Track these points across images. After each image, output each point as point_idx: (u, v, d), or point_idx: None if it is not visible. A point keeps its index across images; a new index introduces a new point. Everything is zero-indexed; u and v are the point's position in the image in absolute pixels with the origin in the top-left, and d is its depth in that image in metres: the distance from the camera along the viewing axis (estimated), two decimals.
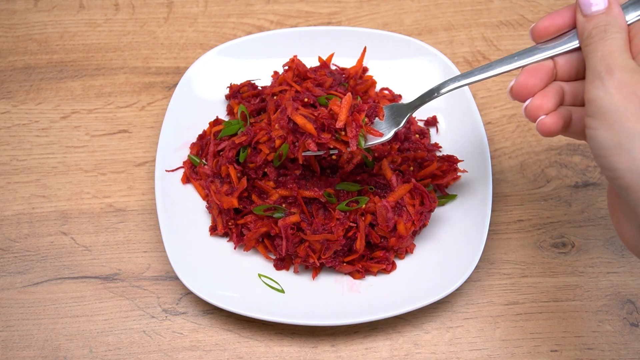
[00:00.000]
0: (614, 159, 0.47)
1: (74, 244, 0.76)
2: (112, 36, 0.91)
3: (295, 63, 0.80)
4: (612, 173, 0.48)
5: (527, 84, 0.54)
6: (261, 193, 0.73)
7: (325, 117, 0.61)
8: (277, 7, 0.93)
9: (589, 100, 0.49)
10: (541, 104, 0.53)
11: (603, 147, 0.48)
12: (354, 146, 0.61)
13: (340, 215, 0.70)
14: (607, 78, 0.48)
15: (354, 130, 0.61)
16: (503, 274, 0.74)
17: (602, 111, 0.48)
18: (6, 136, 0.83)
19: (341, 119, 0.61)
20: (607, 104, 0.47)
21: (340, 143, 0.62)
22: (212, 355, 0.70)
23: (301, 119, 0.61)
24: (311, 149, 0.61)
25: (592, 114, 0.48)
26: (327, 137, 0.61)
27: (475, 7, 0.93)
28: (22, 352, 0.70)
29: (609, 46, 0.49)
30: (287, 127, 0.62)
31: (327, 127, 0.61)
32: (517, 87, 0.54)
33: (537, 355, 0.69)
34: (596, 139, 0.48)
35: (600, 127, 0.48)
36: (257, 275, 0.72)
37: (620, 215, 0.52)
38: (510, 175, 0.80)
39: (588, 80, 0.49)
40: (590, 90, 0.49)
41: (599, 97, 0.48)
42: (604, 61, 0.49)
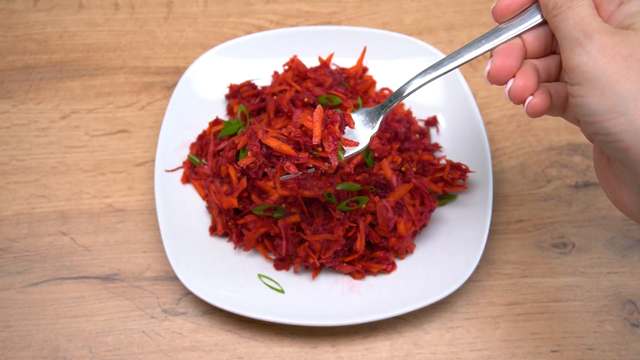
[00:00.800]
0: (609, 123, 0.46)
1: (73, 244, 0.76)
2: (112, 36, 0.91)
3: (295, 63, 0.80)
4: (607, 137, 0.46)
5: (505, 65, 0.52)
6: (261, 193, 0.73)
7: (299, 135, 0.56)
8: (277, 7, 0.93)
9: (571, 68, 0.47)
10: (525, 84, 0.52)
11: (595, 114, 0.46)
12: (334, 161, 0.56)
13: (340, 215, 0.69)
14: (586, 43, 0.47)
15: (331, 145, 0.56)
16: (503, 274, 0.74)
17: (588, 77, 0.46)
18: (5, 136, 0.83)
19: (316, 135, 0.55)
20: (592, 68, 0.46)
21: (319, 160, 0.56)
22: (212, 356, 0.69)
23: (275, 142, 0.55)
24: (292, 171, 0.56)
25: (578, 82, 0.47)
26: (305, 156, 0.56)
27: (475, 6, 0.93)
28: (21, 352, 0.70)
29: (580, 12, 0.48)
30: (260, 153, 0.56)
31: (302, 145, 0.56)
32: (495, 70, 0.53)
33: (537, 355, 0.69)
34: (586, 106, 0.47)
35: (589, 94, 0.47)
36: (257, 276, 0.72)
37: (615, 183, 0.51)
38: (511, 175, 0.80)
39: (566, 49, 0.48)
40: (572, 57, 0.47)
41: (582, 63, 0.47)
42: (578, 27, 0.47)
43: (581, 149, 0.81)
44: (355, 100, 0.78)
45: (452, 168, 0.75)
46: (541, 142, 0.82)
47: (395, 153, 0.75)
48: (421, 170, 0.76)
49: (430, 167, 0.76)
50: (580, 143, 0.82)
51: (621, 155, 0.47)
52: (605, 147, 0.48)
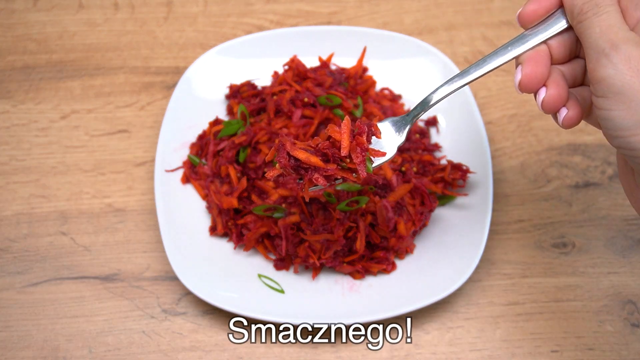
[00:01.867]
0: (634, 138, 0.45)
1: (73, 244, 0.76)
2: (112, 36, 0.91)
3: (295, 63, 0.80)
4: (633, 152, 0.45)
5: (536, 73, 0.51)
6: (261, 193, 0.73)
7: (327, 147, 0.55)
8: (277, 7, 0.93)
9: (598, 80, 0.46)
10: (559, 94, 0.50)
11: (620, 128, 0.45)
12: (363, 172, 0.55)
13: (340, 215, 0.69)
14: (613, 54, 0.45)
15: (359, 156, 0.55)
16: (503, 274, 0.74)
17: (614, 91, 0.45)
18: (5, 136, 0.83)
19: (344, 146, 0.55)
20: (618, 82, 0.45)
21: (347, 172, 0.56)
22: (211, 356, 0.69)
23: (303, 154, 0.55)
24: (321, 183, 0.55)
25: (604, 94, 0.46)
26: (334, 168, 0.55)
27: (475, 6, 0.93)
28: (21, 352, 0.70)
29: (606, 20, 0.46)
30: (288, 165, 0.55)
31: (330, 157, 0.55)
32: (526, 78, 0.51)
33: (537, 355, 0.69)
34: (611, 120, 0.45)
35: (615, 108, 0.45)
36: (257, 276, 0.72)
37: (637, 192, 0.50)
38: (511, 175, 0.80)
39: (591, 59, 0.47)
40: (597, 69, 0.46)
41: (609, 76, 0.45)
42: (605, 36, 0.46)
43: (581, 149, 0.81)
44: (355, 100, 0.78)
45: (453, 168, 0.75)
46: (541, 142, 0.82)
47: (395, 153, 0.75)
48: (421, 170, 0.76)
49: (431, 167, 0.76)
50: (580, 143, 0.82)
51: None
52: (630, 160, 0.47)
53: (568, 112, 0.51)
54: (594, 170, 0.80)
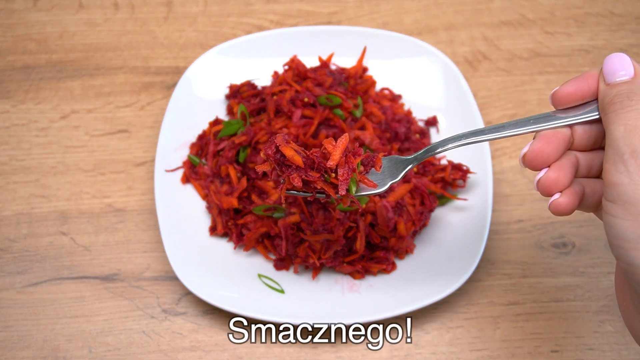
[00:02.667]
0: (635, 253, 0.43)
1: (73, 244, 0.76)
2: (112, 36, 0.91)
3: (295, 63, 0.80)
4: (630, 268, 0.43)
5: (543, 152, 0.49)
6: (261, 193, 0.73)
7: (317, 155, 0.55)
8: (277, 7, 0.93)
9: (610, 184, 0.44)
10: (557, 179, 0.48)
11: (622, 238, 0.43)
12: (342, 190, 0.54)
13: (340, 215, 0.69)
14: (631, 162, 0.43)
15: (345, 174, 0.54)
16: (503, 274, 0.74)
17: (624, 199, 0.43)
18: (5, 136, 0.83)
19: (334, 158, 0.54)
20: (630, 192, 0.43)
21: (329, 185, 0.55)
22: (211, 356, 0.69)
23: (289, 151, 0.54)
24: (295, 183, 0.54)
25: (613, 200, 0.44)
26: (316, 176, 0.54)
27: (475, 6, 0.93)
28: (21, 352, 0.70)
29: (634, 119, 0.44)
30: (272, 157, 0.55)
31: (317, 165, 0.55)
32: (532, 154, 0.49)
33: (537, 355, 0.69)
34: (615, 228, 0.44)
35: (621, 216, 0.43)
36: (257, 276, 0.72)
37: (631, 309, 0.48)
38: (511, 175, 0.80)
39: (609, 160, 0.44)
40: (612, 173, 0.44)
41: (622, 183, 0.43)
42: (627, 139, 0.43)
43: None
44: (355, 100, 0.78)
45: (453, 169, 0.75)
46: None
47: (395, 153, 0.75)
48: (421, 170, 0.76)
49: (431, 167, 0.76)
50: None
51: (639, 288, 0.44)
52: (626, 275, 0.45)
53: (559, 198, 0.49)
54: None
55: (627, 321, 0.49)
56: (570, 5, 0.93)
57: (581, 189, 0.50)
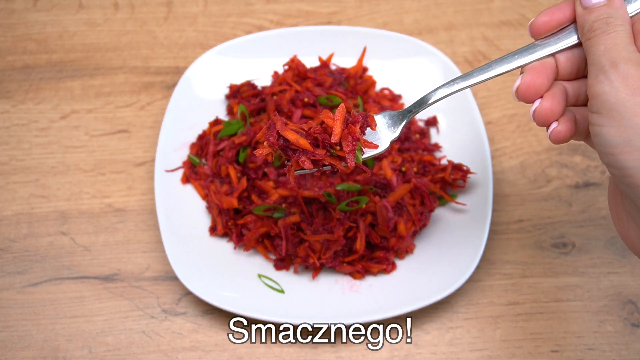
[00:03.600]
0: (623, 157, 0.45)
1: (73, 244, 0.76)
2: (112, 36, 0.91)
3: (295, 63, 0.80)
4: (620, 171, 0.46)
5: (535, 83, 0.51)
6: (261, 193, 0.73)
7: (318, 132, 0.55)
8: (277, 7, 0.93)
9: (593, 96, 0.46)
10: (551, 107, 0.50)
11: (610, 145, 0.45)
12: (351, 162, 0.54)
13: (340, 215, 0.69)
14: (611, 71, 0.45)
15: (350, 145, 0.54)
16: (503, 274, 0.74)
17: (607, 107, 0.45)
18: (5, 136, 0.83)
19: (336, 133, 0.54)
20: (613, 99, 0.45)
21: (336, 159, 0.55)
22: (211, 356, 0.69)
23: (293, 135, 0.54)
24: (307, 167, 0.54)
25: (597, 110, 0.46)
26: (322, 153, 0.55)
27: (475, 6, 0.93)
28: (21, 352, 0.70)
29: (613, 39, 0.47)
30: (277, 144, 0.55)
31: (320, 142, 0.55)
32: (524, 87, 0.51)
33: (537, 355, 0.69)
34: (602, 136, 0.46)
35: (606, 124, 0.45)
36: (257, 276, 0.72)
37: (624, 216, 0.50)
38: (511, 175, 0.80)
39: (591, 75, 0.47)
40: (594, 85, 0.46)
41: (604, 92, 0.46)
42: (607, 54, 0.46)
43: (581, 149, 0.81)
44: (355, 100, 0.78)
45: (453, 169, 0.75)
46: (541, 142, 0.82)
47: (395, 153, 0.75)
48: (422, 170, 0.76)
49: (431, 167, 0.76)
50: (580, 143, 0.81)
51: (631, 192, 0.46)
52: (617, 180, 0.47)
53: (557, 126, 0.51)
54: (594, 170, 0.80)
55: (621, 232, 0.51)
56: None
57: (574, 116, 0.52)
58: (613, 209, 0.52)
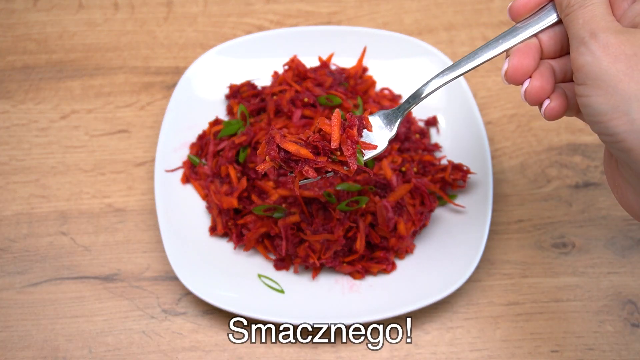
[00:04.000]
0: (612, 123, 0.46)
1: (73, 244, 0.76)
2: (112, 36, 0.91)
3: (295, 63, 0.80)
4: (611, 138, 0.46)
5: (522, 64, 0.52)
6: (261, 193, 0.73)
7: (317, 140, 0.55)
8: (277, 7, 0.93)
9: (577, 68, 0.47)
10: (542, 85, 0.51)
11: (599, 113, 0.46)
12: (353, 165, 0.55)
13: (340, 215, 0.69)
14: (591, 42, 0.46)
15: (350, 149, 0.55)
16: (503, 274, 0.74)
17: (592, 77, 0.46)
18: (5, 136, 0.83)
19: (335, 139, 0.55)
20: (596, 68, 0.46)
21: (338, 164, 0.56)
22: (211, 356, 0.69)
23: (293, 146, 0.55)
24: (311, 175, 0.55)
25: (583, 81, 0.47)
26: (324, 160, 0.55)
27: (475, 6, 0.93)
28: (21, 352, 0.70)
29: (590, 12, 0.48)
30: (278, 158, 0.55)
31: (321, 149, 0.55)
32: (512, 69, 0.52)
33: (537, 355, 0.69)
34: (590, 106, 0.47)
35: (593, 94, 0.46)
36: (257, 276, 0.72)
37: (621, 183, 0.51)
38: (511, 175, 0.80)
39: (573, 48, 0.48)
40: (577, 57, 0.47)
41: (587, 63, 0.46)
42: (586, 26, 0.47)
43: (581, 149, 0.81)
44: (355, 100, 0.78)
45: (453, 169, 0.75)
46: (541, 142, 0.82)
47: (395, 153, 0.75)
48: (422, 170, 0.76)
49: (431, 167, 0.76)
50: (580, 143, 0.82)
51: (624, 156, 0.47)
52: (610, 147, 0.48)
53: (550, 103, 0.52)
54: (594, 170, 0.80)
55: (619, 198, 0.52)
56: None
57: (564, 92, 0.52)
58: (610, 178, 0.53)
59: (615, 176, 0.52)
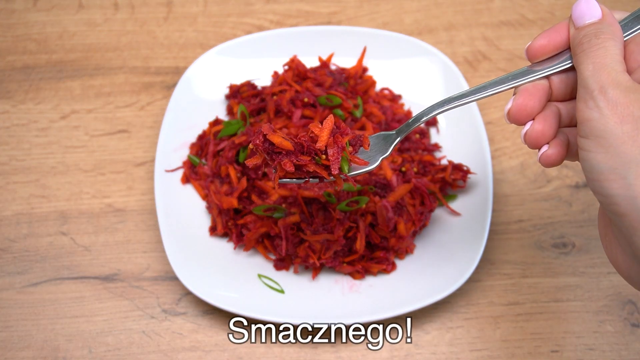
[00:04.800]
0: (608, 184, 0.44)
1: (73, 244, 0.76)
2: (112, 36, 0.91)
3: (295, 63, 0.80)
4: (605, 199, 0.45)
5: (526, 106, 0.50)
6: (261, 193, 0.73)
7: (305, 139, 0.55)
8: (277, 7, 0.93)
9: (582, 121, 0.46)
10: (543, 130, 0.50)
11: (597, 171, 0.45)
12: (335, 170, 0.55)
13: (340, 215, 0.69)
14: (600, 98, 0.45)
15: (335, 153, 0.55)
16: (503, 274, 0.74)
17: (596, 133, 0.45)
18: (5, 136, 0.83)
19: (322, 140, 0.54)
20: (601, 125, 0.44)
21: (321, 167, 0.55)
22: (211, 356, 0.69)
23: (277, 138, 0.54)
24: (287, 168, 0.54)
25: (586, 135, 0.46)
26: (306, 159, 0.55)
27: (475, 6, 0.93)
28: (21, 352, 0.70)
29: (602, 57, 0.46)
30: (262, 147, 0.55)
31: (306, 149, 0.55)
32: (516, 109, 0.50)
33: (537, 355, 0.69)
34: (589, 162, 0.45)
35: (594, 150, 0.45)
36: (257, 276, 0.72)
37: (613, 243, 0.49)
38: (511, 175, 0.80)
39: (580, 99, 0.46)
40: (583, 110, 0.46)
41: (592, 119, 0.45)
42: (595, 76, 0.45)
43: None
44: (355, 100, 0.78)
45: (454, 169, 0.75)
46: None
47: (395, 153, 0.75)
48: (422, 170, 0.76)
49: (431, 167, 0.76)
50: None
51: (617, 220, 0.45)
52: (604, 207, 0.47)
53: (548, 150, 0.50)
54: None
55: (609, 255, 0.51)
56: (570, 5, 0.93)
57: (566, 139, 0.51)
58: (602, 234, 0.51)
59: (607, 232, 0.50)
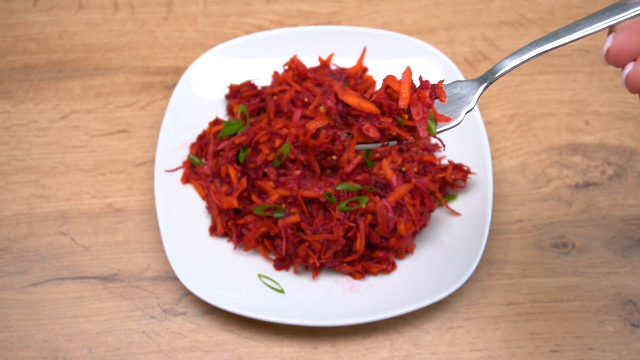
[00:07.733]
0: None
1: (73, 244, 0.76)
2: (112, 36, 0.91)
3: (295, 63, 0.80)
4: None
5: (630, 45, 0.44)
6: (261, 193, 0.73)
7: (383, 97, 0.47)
8: (277, 7, 0.93)
9: None
10: None
11: None
12: (423, 132, 0.47)
13: (340, 215, 0.69)
14: None
15: (421, 112, 0.47)
16: (503, 274, 0.74)
17: None
18: (5, 136, 0.83)
19: (404, 97, 0.46)
20: None
21: (404, 130, 0.48)
22: (211, 356, 0.69)
23: (354, 99, 0.46)
24: (372, 134, 0.46)
25: None
26: (389, 121, 0.47)
27: (475, 6, 0.93)
28: (21, 352, 0.70)
29: None
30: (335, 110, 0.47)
31: (386, 108, 0.47)
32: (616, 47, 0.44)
33: (537, 355, 0.69)
34: None
35: None
36: (257, 276, 0.72)
37: None
38: (511, 175, 0.80)
39: None
40: None
41: None
42: None
43: (581, 149, 0.81)
44: None
45: (454, 169, 0.75)
46: (541, 142, 0.82)
47: (395, 153, 0.75)
48: (422, 170, 0.76)
49: (431, 167, 0.76)
50: (580, 143, 0.82)
51: None
52: None
53: None
54: (594, 170, 0.80)
55: None
56: (570, 5, 0.93)
57: None
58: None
59: None
